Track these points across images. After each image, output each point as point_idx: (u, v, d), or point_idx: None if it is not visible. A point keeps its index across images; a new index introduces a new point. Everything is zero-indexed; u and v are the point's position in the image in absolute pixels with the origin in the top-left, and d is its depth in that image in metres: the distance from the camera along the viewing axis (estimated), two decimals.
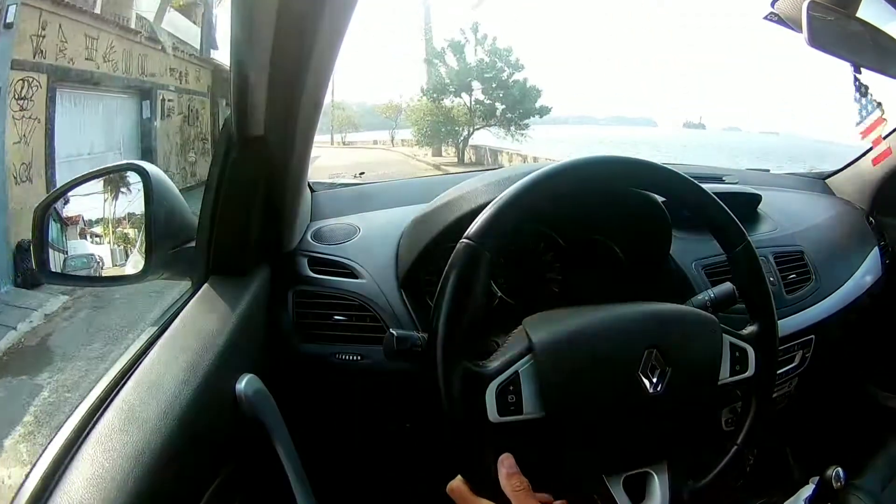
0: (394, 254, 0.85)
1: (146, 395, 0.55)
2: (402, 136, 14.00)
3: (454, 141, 12.98)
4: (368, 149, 13.93)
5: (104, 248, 0.71)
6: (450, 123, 12.81)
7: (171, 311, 0.69)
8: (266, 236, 0.77)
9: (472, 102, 12.84)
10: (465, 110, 12.81)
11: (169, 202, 0.71)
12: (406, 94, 14.10)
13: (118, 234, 0.71)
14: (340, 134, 14.01)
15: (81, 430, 0.51)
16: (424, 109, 12.95)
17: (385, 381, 0.80)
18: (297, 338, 0.81)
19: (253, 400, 0.64)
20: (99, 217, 0.71)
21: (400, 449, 0.94)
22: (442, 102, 12.90)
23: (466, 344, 0.56)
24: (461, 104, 12.89)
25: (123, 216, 0.71)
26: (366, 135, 14.66)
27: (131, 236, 0.71)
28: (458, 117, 12.83)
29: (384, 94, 14.46)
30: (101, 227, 0.71)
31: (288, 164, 0.72)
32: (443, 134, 12.97)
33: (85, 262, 0.71)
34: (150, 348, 0.62)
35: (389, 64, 17.55)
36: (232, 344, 0.65)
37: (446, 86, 12.85)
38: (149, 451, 0.50)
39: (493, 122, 12.82)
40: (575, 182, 0.61)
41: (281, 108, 0.65)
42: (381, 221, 0.92)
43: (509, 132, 12.74)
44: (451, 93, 12.86)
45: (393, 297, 0.81)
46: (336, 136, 13.67)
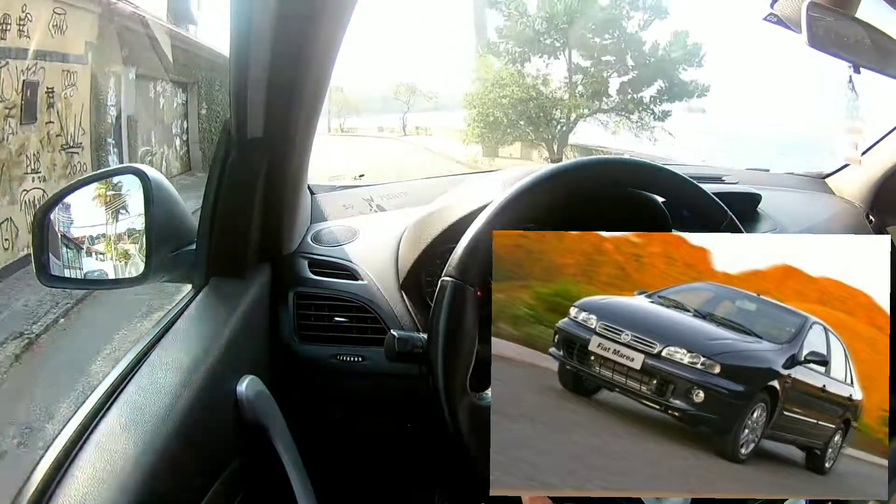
0: (394, 255, 0.85)
1: (147, 397, 0.55)
2: (417, 123, 9.77)
3: (541, 135, 7.74)
4: (376, 137, 10.31)
5: (104, 251, 0.71)
6: (540, 105, 7.53)
7: (173, 313, 0.70)
8: (266, 238, 0.77)
9: (571, 70, 7.52)
10: (564, 84, 7.53)
11: (169, 205, 0.71)
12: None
13: (118, 238, 0.71)
14: (339, 119, 10.44)
15: (83, 431, 0.52)
16: (496, 78, 7.66)
17: (386, 382, 0.80)
18: (297, 339, 0.81)
19: (254, 401, 0.64)
20: (98, 220, 0.71)
21: (400, 449, 0.94)
22: (522, 69, 7.64)
23: (467, 376, 0.57)
24: (546, 75, 7.59)
25: (123, 220, 0.71)
26: (368, 120, 10.96)
27: (131, 239, 0.71)
28: (550, 95, 7.55)
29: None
30: (101, 230, 0.71)
31: (287, 166, 0.72)
32: (523, 124, 7.65)
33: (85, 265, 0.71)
34: (152, 350, 0.62)
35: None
36: (233, 346, 0.65)
37: (533, 37, 7.44)
38: (150, 452, 0.50)
39: (608, 107, 7.61)
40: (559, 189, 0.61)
41: (280, 110, 0.66)
42: (381, 223, 0.92)
43: (638, 124, 7.60)
44: (540, 50, 7.51)
45: (393, 299, 0.81)
46: (334, 122, 10.34)
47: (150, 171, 0.69)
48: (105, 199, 0.71)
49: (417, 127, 9.91)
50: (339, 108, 10.33)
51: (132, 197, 0.69)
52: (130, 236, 0.71)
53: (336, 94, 9.61)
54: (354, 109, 10.65)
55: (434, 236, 0.79)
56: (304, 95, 0.66)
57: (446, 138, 8.83)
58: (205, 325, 0.66)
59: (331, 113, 10.01)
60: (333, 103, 9.79)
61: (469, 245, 0.57)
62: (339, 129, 10.62)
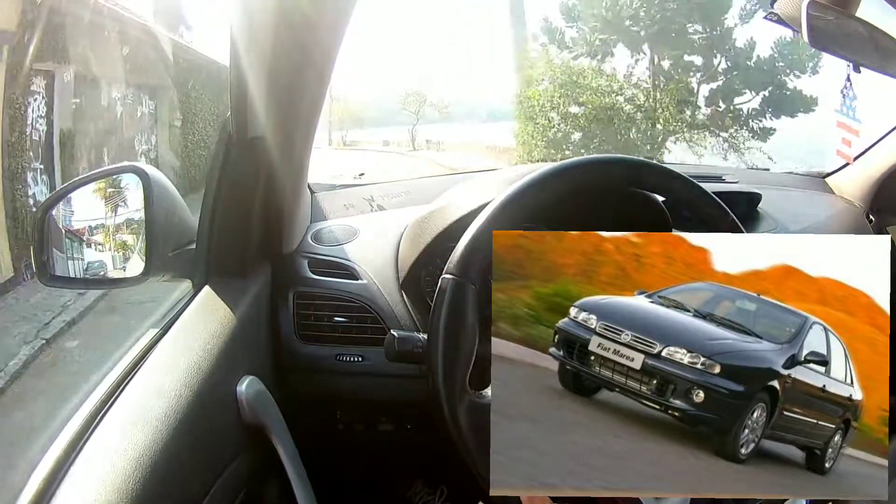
0: (394, 255, 0.85)
1: (147, 397, 0.55)
2: (427, 136, 8.56)
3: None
4: (380, 152, 9.30)
5: (104, 250, 0.71)
6: (629, 116, 5.73)
7: (173, 313, 0.70)
8: (266, 238, 0.77)
9: (654, 74, 5.68)
10: (645, 91, 5.72)
11: (169, 204, 0.71)
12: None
13: (118, 237, 0.71)
14: (341, 132, 9.35)
15: (83, 431, 0.52)
16: (564, 77, 5.80)
17: (386, 382, 0.80)
18: (297, 339, 0.81)
19: (254, 401, 0.64)
20: (99, 219, 0.71)
21: (400, 449, 0.94)
22: (601, 65, 5.77)
23: (467, 375, 0.56)
24: (628, 75, 5.80)
25: (123, 218, 0.71)
26: (373, 132, 9.83)
27: (131, 238, 0.71)
28: (624, 106, 5.74)
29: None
30: (101, 229, 0.71)
31: (287, 165, 0.72)
32: (599, 138, 5.76)
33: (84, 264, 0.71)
34: (152, 350, 0.62)
35: None
36: (233, 346, 0.65)
37: (616, 22, 5.50)
38: (150, 452, 0.50)
39: (696, 121, 5.81)
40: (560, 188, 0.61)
41: (280, 109, 0.65)
42: (381, 222, 0.92)
43: (729, 142, 5.75)
44: (628, 38, 5.63)
45: (394, 298, 0.81)
46: (336, 135, 9.33)
47: (150, 170, 0.69)
48: (105, 198, 0.71)
49: (428, 140, 8.71)
50: (341, 119, 9.35)
51: (132, 196, 0.69)
52: (130, 235, 0.71)
53: (337, 104, 8.71)
54: (358, 120, 9.62)
55: (434, 235, 0.79)
56: (305, 95, 0.66)
57: (463, 153, 7.55)
58: (205, 324, 0.66)
59: (332, 125, 9.09)
60: (334, 114, 8.89)
61: (470, 243, 0.57)
62: (342, 141, 9.61)
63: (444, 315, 0.56)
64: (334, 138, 9.32)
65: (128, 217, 0.70)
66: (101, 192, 0.71)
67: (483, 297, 0.55)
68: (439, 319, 0.56)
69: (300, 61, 0.62)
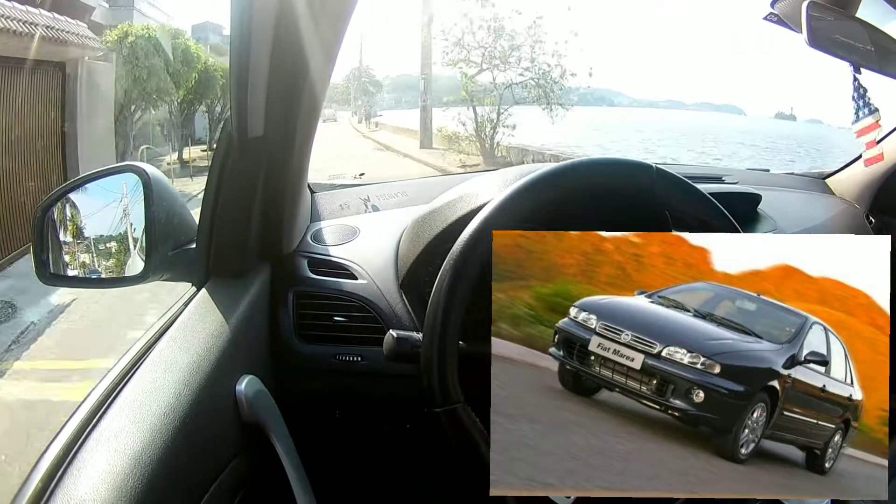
0: (394, 255, 0.85)
1: (147, 396, 0.55)
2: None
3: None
4: None
5: (103, 249, 0.71)
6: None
7: (172, 312, 0.70)
8: (266, 237, 0.77)
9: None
10: None
11: (168, 203, 0.71)
12: None
13: (118, 236, 0.71)
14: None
15: (82, 430, 0.52)
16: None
17: (385, 381, 0.80)
18: (297, 339, 0.81)
19: (253, 401, 0.64)
20: (98, 219, 0.71)
21: (400, 449, 0.94)
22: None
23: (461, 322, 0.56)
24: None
25: (123, 218, 0.71)
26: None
27: (131, 238, 0.71)
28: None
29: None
30: (101, 229, 0.71)
31: (287, 164, 0.72)
32: None
33: (84, 263, 0.71)
34: (151, 349, 0.62)
35: None
36: (232, 345, 0.65)
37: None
38: (149, 451, 0.50)
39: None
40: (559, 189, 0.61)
41: (280, 109, 0.65)
42: (380, 222, 0.92)
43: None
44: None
45: (393, 298, 0.81)
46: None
47: (149, 169, 0.69)
48: (105, 197, 0.71)
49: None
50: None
51: (132, 195, 0.69)
52: (130, 235, 0.71)
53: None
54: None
55: (433, 235, 0.79)
56: (304, 95, 0.66)
57: None
58: (204, 324, 0.66)
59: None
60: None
61: (468, 242, 0.57)
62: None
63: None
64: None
65: (128, 216, 0.70)
66: (101, 191, 0.71)
67: (482, 298, 0.55)
68: (435, 318, 0.56)
69: (300, 61, 0.62)
